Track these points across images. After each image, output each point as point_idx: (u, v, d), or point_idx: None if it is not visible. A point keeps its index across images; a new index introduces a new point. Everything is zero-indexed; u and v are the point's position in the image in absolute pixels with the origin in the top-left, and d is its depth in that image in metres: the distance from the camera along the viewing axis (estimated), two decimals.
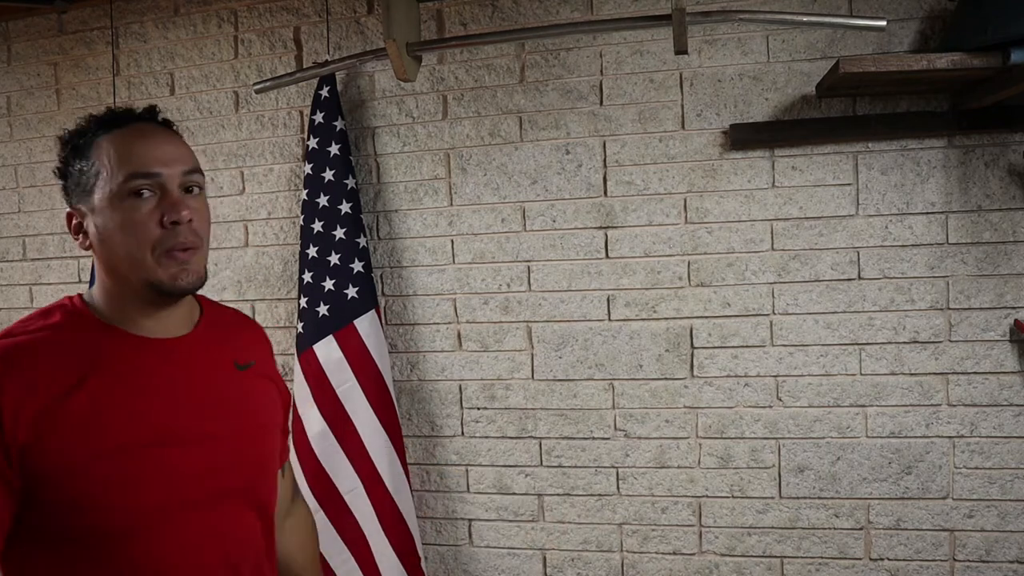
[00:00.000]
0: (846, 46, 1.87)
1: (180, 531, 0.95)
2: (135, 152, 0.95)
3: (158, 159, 0.95)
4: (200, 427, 0.98)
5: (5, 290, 2.46)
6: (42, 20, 2.38)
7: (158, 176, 0.95)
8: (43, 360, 0.91)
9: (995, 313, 1.82)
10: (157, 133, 0.99)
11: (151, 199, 0.94)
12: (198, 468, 0.97)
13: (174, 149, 0.98)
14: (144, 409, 0.94)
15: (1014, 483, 1.82)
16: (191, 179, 0.98)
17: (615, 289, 2.01)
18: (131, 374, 0.95)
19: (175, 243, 0.94)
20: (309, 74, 2.01)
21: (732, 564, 1.96)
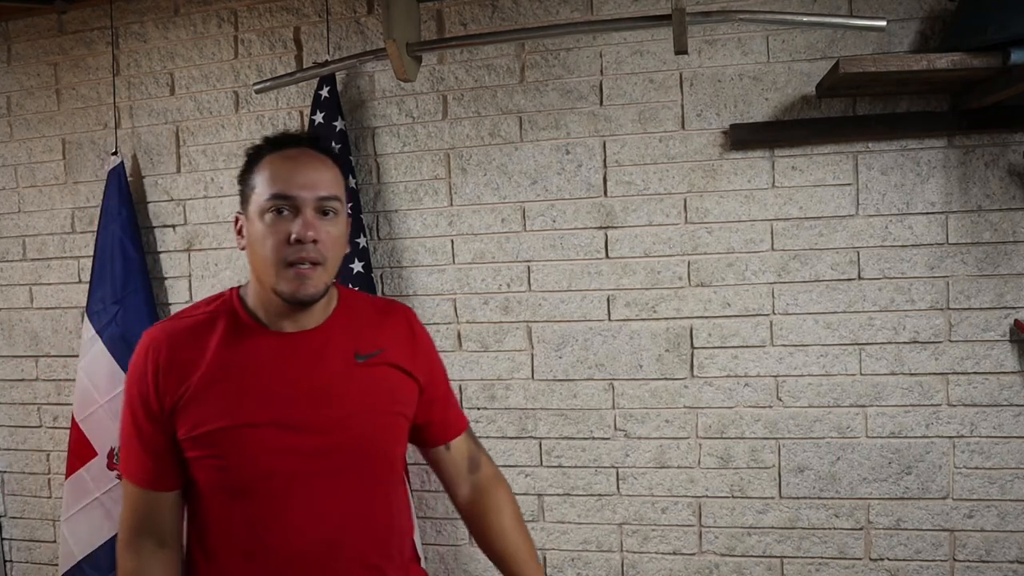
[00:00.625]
0: (846, 46, 1.87)
1: (296, 496, 1.09)
2: (282, 175, 1.08)
3: (299, 184, 1.08)
4: (311, 413, 1.10)
5: (5, 290, 2.46)
6: (42, 20, 2.38)
7: (293, 199, 1.07)
8: (193, 341, 1.11)
9: (995, 313, 1.82)
10: (307, 159, 1.11)
11: (287, 217, 1.07)
12: (307, 447, 1.09)
13: (316, 176, 1.09)
14: (264, 395, 1.09)
15: (1014, 483, 1.82)
16: (326, 204, 1.09)
17: (615, 289, 2.01)
18: (258, 363, 1.10)
19: (296, 258, 1.06)
20: (309, 74, 2.01)
21: (732, 564, 1.96)
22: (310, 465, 1.10)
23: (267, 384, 1.10)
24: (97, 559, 2.20)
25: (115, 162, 2.23)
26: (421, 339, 1.26)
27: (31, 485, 2.47)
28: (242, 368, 1.10)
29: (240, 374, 1.10)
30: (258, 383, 1.10)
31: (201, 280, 2.29)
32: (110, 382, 2.19)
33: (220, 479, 1.09)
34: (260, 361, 1.11)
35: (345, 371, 1.15)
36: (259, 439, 1.08)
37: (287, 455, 1.09)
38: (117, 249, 2.21)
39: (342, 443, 1.12)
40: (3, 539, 2.51)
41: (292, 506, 1.10)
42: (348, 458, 1.13)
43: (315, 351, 1.14)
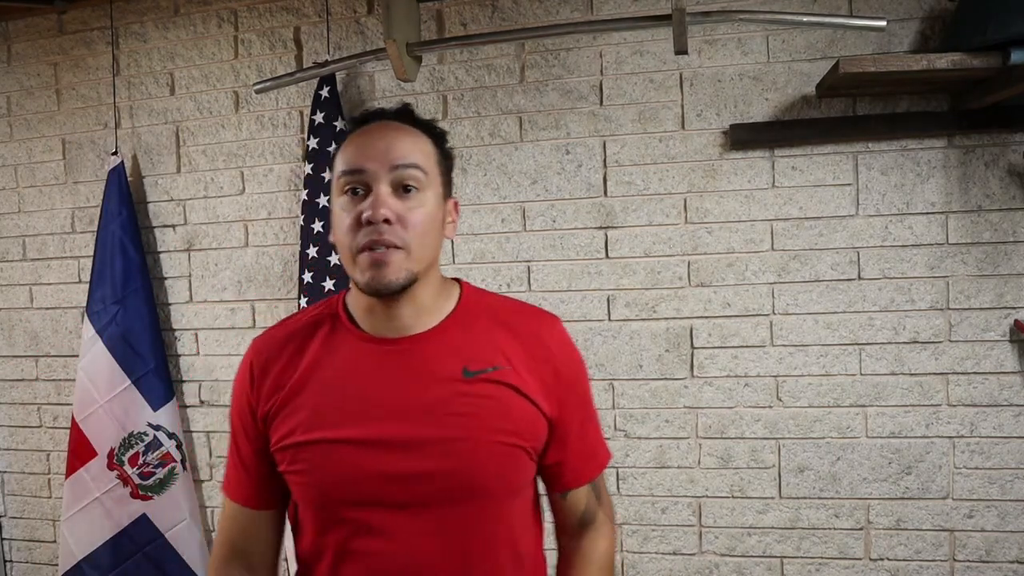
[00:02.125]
0: (846, 46, 1.87)
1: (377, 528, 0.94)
2: (350, 149, 0.95)
3: (367, 155, 0.92)
4: (402, 433, 0.93)
5: (5, 290, 2.46)
6: (42, 20, 2.38)
7: (363, 172, 0.92)
8: (291, 347, 1.00)
9: (995, 313, 1.82)
10: (382, 129, 0.95)
11: (360, 196, 0.92)
12: (392, 472, 0.93)
13: (387, 144, 0.93)
14: (352, 408, 0.95)
15: (1014, 483, 1.82)
16: (402, 174, 0.92)
17: (615, 289, 2.01)
18: (351, 372, 0.96)
19: (368, 241, 0.90)
20: (309, 74, 2.01)
21: (732, 564, 1.96)
22: (395, 494, 0.93)
23: (357, 396, 0.95)
24: (97, 559, 2.20)
25: (115, 162, 2.23)
26: (561, 361, 1.00)
27: (31, 485, 2.47)
28: (333, 377, 0.96)
29: (330, 384, 0.96)
30: (347, 395, 0.95)
31: (201, 280, 2.29)
32: (110, 382, 2.20)
33: (306, 496, 0.97)
34: (353, 370, 0.96)
35: (450, 388, 0.94)
36: (340, 457, 0.93)
37: (370, 480, 0.93)
38: (117, 249, 2.21)
39: (436, 472, 0.92)
40: (3, 539, 2.51)
41: (372, 539, 0.94)
42: (441, 491, 0.93)
43: (417, 361, 0.95)
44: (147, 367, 2.21)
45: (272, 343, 1.02)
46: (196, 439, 2.32)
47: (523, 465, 0.98)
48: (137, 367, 2.21)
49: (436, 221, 0.96)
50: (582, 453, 1.04)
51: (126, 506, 2.20)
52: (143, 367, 2.21)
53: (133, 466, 2.20)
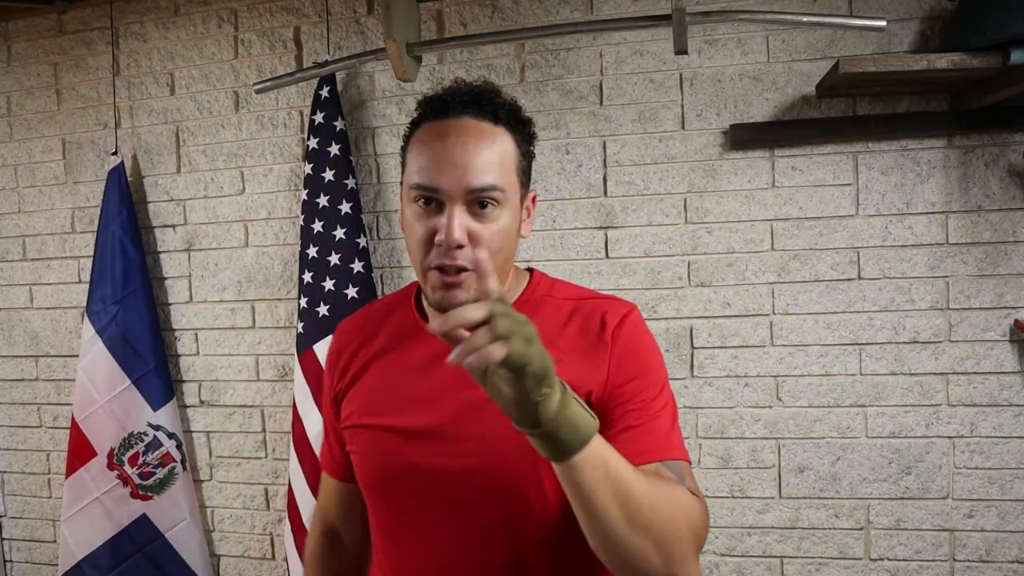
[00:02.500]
0: (846, 46, 1.87)
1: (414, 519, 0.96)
2: (423, 159, 0.91)
3: (442, 171, 0.88)
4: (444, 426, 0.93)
5: (5, 290, 2.46)
6: (42, 20, 2.38)
7: (437, 191, 0.89)
8: (366, 331, 1.06)
9: (995, 313, 1.82)
10: (459, 136, 0.90)
11: (434, 209, 0.90)
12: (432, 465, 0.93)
13: (468, 160, 0.88)
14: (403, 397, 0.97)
15: (1014, 483, 1.82)
16: (482, 196, 0.88)
17: (615, 289, 2.01)
18: (409, 361, 0.99)
19: (439, 263, 0.88)
20: (309, 74, 2.01)
21: (732, 564, 1.96)
22: (433, 487, 0.93)
23: (407, 386, 0.97)
24: (97, 559, 2.20)
25: (115, 162, 2.23)
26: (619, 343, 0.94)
27: (31, 485, 2.47)
28: (393, 365, 1.00)
29: (389, 371, 1.00)
30: (400, 383, 0.98)
31: (201, 280, 2.29)
32: (110, 382, 2.20)
33: (359, 477, 1.03)
34: (409, 360, 0.98)
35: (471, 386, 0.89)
36: (382, 444, 0.97)
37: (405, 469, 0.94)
38: (117, 249, 2.21)
39: (474, 469, 0.90)
40: (3, 539, 2.51)
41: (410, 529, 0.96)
42: (477, 490, 0.91)
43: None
44: (147, 367, 2.21)
45: (352, 326, 1.09)
46: (196, 439, 2.32)
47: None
48: (137, 367, 2.21)
49: (512, 232, 0.93)
50: (642, 437, 0.90)
51: (126, 506, 2.20)
52: (143, 367, 2.21)
53: (133, 466, 2.20)
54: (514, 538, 0.92)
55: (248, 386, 2.27)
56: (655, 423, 0.91)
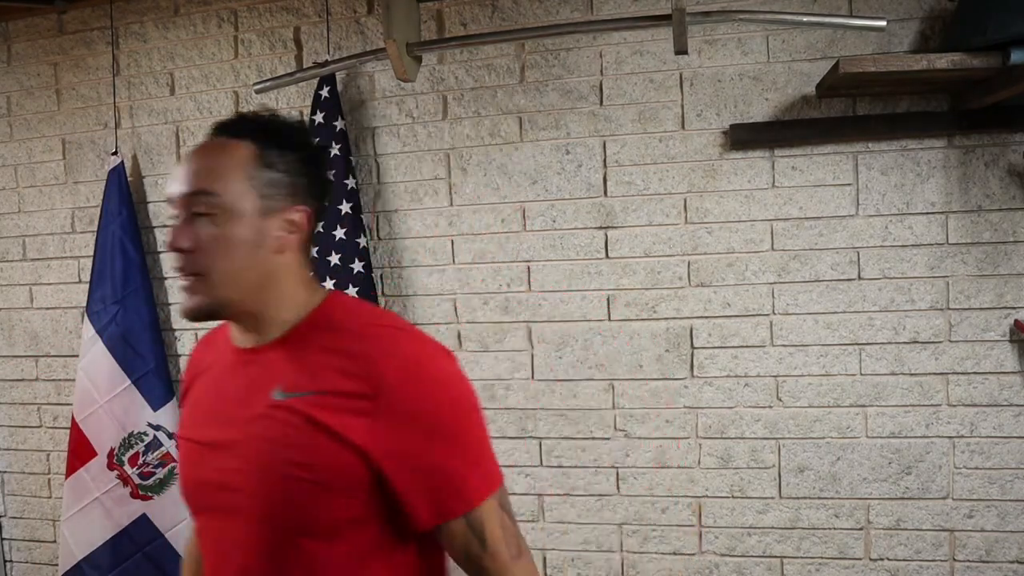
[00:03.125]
0: (846, 46, 1.87)
1: (208, 530, 1.00)
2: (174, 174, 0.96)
3: (175, 183, 0.93)
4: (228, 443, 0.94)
5: (5, 290, 2.46)
6: (42, 20, 2.38)
7: (171, 200, 0.94)
8: (201, 350, 1.11)
9: (995, 313, 1.82)
10: (196, 151, 0.95)
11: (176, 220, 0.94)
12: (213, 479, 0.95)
13: (192, 169, 0.92)
14: (206, 413, 1.01)
15: (1014, 483, 1.82)
16: (192, 201, 0.91)
17: (615, 289, 2.01)
18: (209, 378, 1.04)
19: (175, 268, 0.94)
20: (309, 74, 2.01)
21: (732, 564, 1.96)
22: (215, 499, 0.95)
23: (210, 399, 1.01)
24: (97, 559, 2.20)
25: (115, 162, 2.23)
26: (397, 390, 0.87)
27: (31, 485, 2.47)
28: (206, 381, 1.05)
29: (203, 387, 1.05)
30: (207, 397, 1.02)
31: None
32: (110, 382, 2.20)
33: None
34: (216, 375, 1.02)
35: (256, 407, 0.92)
36: (186, 456, 1.02)
37: (194, 482, 1.00)
38: (117, 249, 2.21)
39: (242, 487, 0.92)
40: (3, 539, 2.51)
41: (204, 538, 1.00)
42: (245, 511, 0.92)
43: (249, 374, 0.95)
44: (147, 367, 2.21)
45: (198, 346, 1.14)
46: None
47: (325, 502, 0.88)
48: (137, 367, 2.21)
49: (246, 241, 0.91)
50: (434, 488, 0.89)
51: (126, 506, 2.20)
52: (143, 367, 2.21)
53: (133, 466, 2.20)
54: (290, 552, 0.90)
55: None
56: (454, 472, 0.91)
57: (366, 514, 0.90)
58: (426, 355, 0.92)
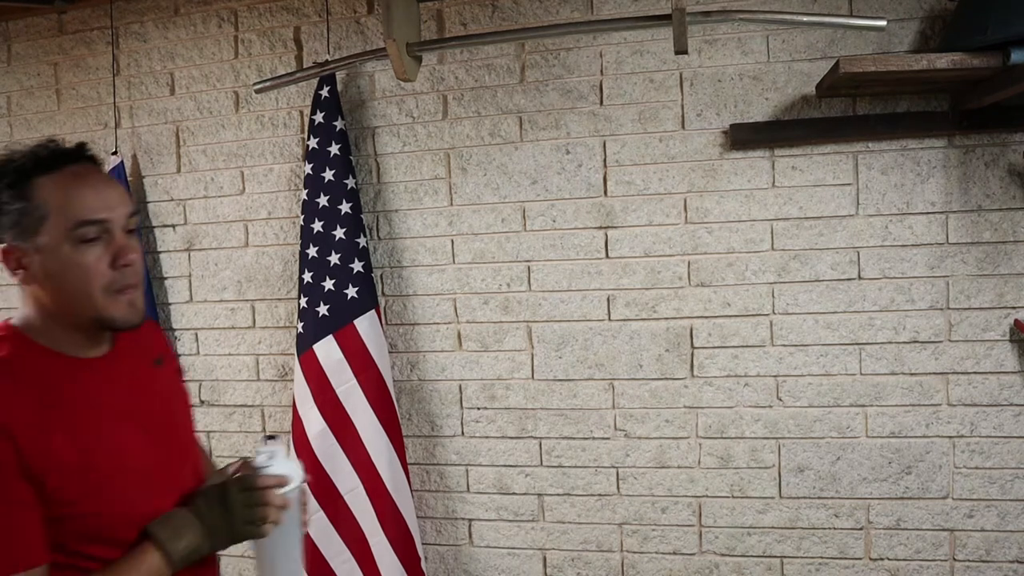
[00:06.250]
0: (846, 46, 1.87)
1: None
2: (80, 198, 1.00)
3: (104, 205, 1.01)
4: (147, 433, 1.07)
5: (5, 290, 2.46)
6: (42, 20, 2.38)
7: (105, 222, 1.01)
8: (16, 382, 0.97)
9: (995, 313, 1.82)
10: (96, 177, 1.04)
11: (99, 244, 1.00)
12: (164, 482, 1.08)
13: (115, 193, 1.04)
14: (109, 434, 1.02)
15: (1014, 483, 1.82)
16: (133, 221, 1.06)
17: (615, 289, 2.01)
18: (81, 396, 1.02)
19: (124, 284, 1.02)
20: (309, 74, 2.01)
21: (732, 564, 1.96)
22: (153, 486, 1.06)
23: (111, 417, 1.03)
24: None
25: (115, 162, 2.23)
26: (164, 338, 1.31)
27: None
28: (77, 409, 1.00)
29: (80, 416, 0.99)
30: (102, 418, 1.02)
31: (201, 280, 2.29)
32: None
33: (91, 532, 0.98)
34: (87, 395, 1.02)
35: (156, 381, 1.15)
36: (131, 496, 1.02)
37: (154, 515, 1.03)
38: None
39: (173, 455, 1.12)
40: None
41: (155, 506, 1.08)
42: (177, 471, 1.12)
43: (128, 370, 1.11)
44: None
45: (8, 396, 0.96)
46: None
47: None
48: None
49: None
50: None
51: None
52: None
53: None
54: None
55: (248, 386, 2.27)
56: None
57: None
58: None
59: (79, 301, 1.01)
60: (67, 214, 0.98)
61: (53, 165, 1.01)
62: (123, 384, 1.09)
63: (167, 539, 1.00)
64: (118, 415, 1.05)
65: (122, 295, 1.02)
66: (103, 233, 1.01)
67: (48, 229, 0.98)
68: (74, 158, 1.03)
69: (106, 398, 1.05)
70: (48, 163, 1.01)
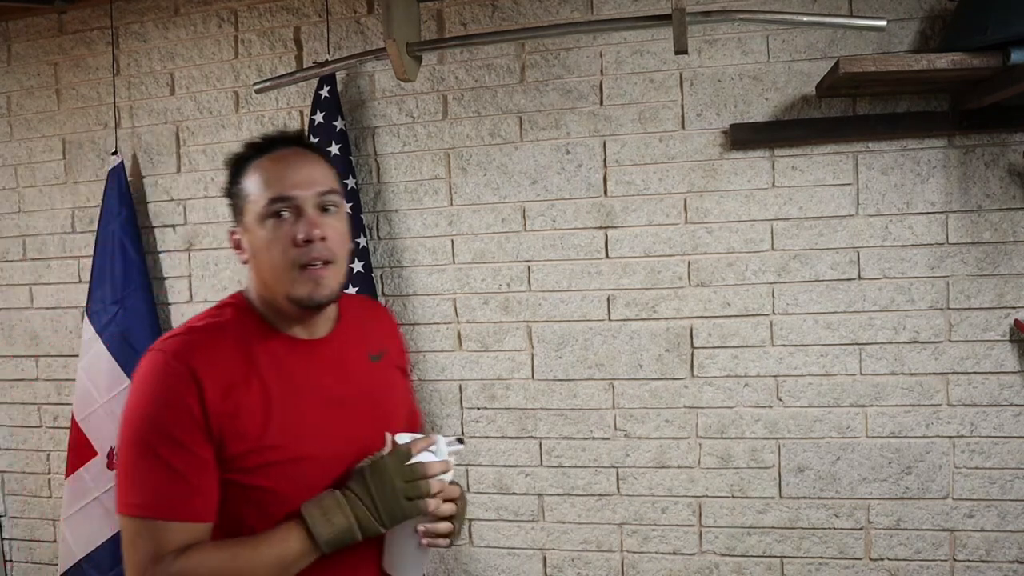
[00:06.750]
0: (846, 46, 1.87)
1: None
2: (276, 176, 1.05)
3: (295, 183, 1.04)
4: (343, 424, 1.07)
5: (5, 290, 2.46)
6: (42, 20, 2.38)
7: (294, 199, 1.03)
8: (222, 347, 1.03)
9: (995, 313, 1.82)
10: (297, 157, 1.07)
11: (289, 219, 1.03)
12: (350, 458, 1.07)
13: (310, 172, 1.06)
14: (298, 411, 1.04)
15: (1014, 483, 1.82)
16: (326, 199, 1.06)
17: (615, 289, 2.01)
18: (286, 374, 1.05)
19: (309, 259, 1.02)
20: (309, 74, 2.01)
21: (732, 564, 1.96)
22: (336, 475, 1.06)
23: (305, 395, 1.05)
24: (97, 558, 2.20)
25: (115, 162, 2.23)
26: (400, 335, 1.30)
27: (31, 485, 2.47)
28: (277, 379, 1.04)
29: (276, 386, 1.03)
30: (297, 395, 1.04)
31: (201, 280, 2.29)
32: (110, 382, 2.19)
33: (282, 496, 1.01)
34: (291, 371, 1.06)
35: (368, 374, 1.14)
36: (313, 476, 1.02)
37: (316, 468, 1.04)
38: (117, 249, 2.21)
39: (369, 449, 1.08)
40: (3, 539, 2.51)
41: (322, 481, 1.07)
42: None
43: (338, 356, 1.12)
44: None
45: (201, 348, 1.02)
46: None
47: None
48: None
49: (348, 234, 1.11)
50: (415, 411, 1.31)
51: None
52: None
53: None
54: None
55: None
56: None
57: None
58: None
59: (273, 277, 1.04)
60: (262, 193, 1.04)
61: (264, 150, 1.08)
62: (330, 371, 1.10)
63: (315, 521, 0.97)
64: (316, 401, 1.06)
65: (306, 272, 1.03)
66: (292, 210, 1.03)
67: (250, 208, 1.06)
68: (283, 143, 1.09)
69: (308, 381, 1.07)
70: (261, 149, 1.08)
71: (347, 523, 0.97)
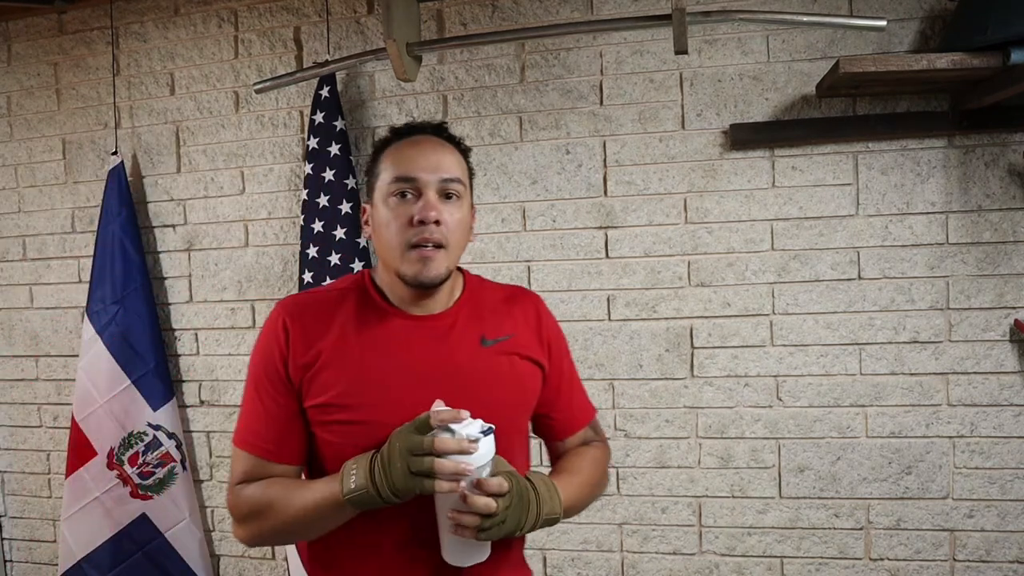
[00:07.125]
0: (846, 46, 1.87)
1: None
2: (405, 158, 1.09)
3: (421, 166, 1.08)
4: (434, 396, 1.05)
5: (5, 290, 2.46)
6: (42, 20, 2.38)
7: (416, 181, 1.07)
8: (323, 314, 1.10)
9: (995, 313, 1.82)
10: (429, 143, 1.12)
11: (410, 200, 1.07)
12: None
13: (438, 158, 1.10)
14: (388, 374, 1.07)
15: (1014, 483, 1.82)
16: (449, 187, 1.09)
17: (615, 289, 2.01)
18: (381, 343, 1.09)
19: (419, 239, 1.05)
20: (309, 74, 2.01)
21: (732, 564, 1.96)
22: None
23: (391, 364, 1.08)
24: (97, 558, 2.20)
25: (115, 162, 2.23)
26: (548, 325, 1.22)
27: (31, 485, 2.47)
28: (368, 345, 1.09)
29: (365, 351, 1.08)
30: (382, 362, 1.08)
31: (201, 280, 2.29)
32: (110, 382, 2.20)
33: (342, 453, 1.04)
34: (385, 339, 1.09)
35: (471, 356, 1.12)
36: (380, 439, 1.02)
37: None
38: (117, 249, 2.21)
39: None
40: (3, 539, 2.51)
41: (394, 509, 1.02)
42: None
43: (441, 334, 1.12)
44: (147, 367, 2.21)
45: (305, 307, 1.12)
46: (196, 439, 2.32)
47: (527, 424, 1.21)
48: (137, 367, 2.21)
49: (469, 224, 1.14)
50: (576, 401, 1.27)
51: (126, 506, 2.20)
52: (143, 367, 2.21)
53: (133, 466, 2.20)
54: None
55: None
56: (581, 391, 1.29)
57: (526, 429, 1.22)
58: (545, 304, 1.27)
59: (387, 253, 1.09)
60: (390, 172, 1.09)
61: (405, 135, 1.14)
62: (427, 346, 1.10)
63: (345, 475, 1.00)
64: (403, 372, 1.08)
65: (416, 251, 1.05)
66: (415, 191, 1.07)
67: (379, 186, 1.11)
68: (423, 130, 1.15)
69: (399, 352, 1.09)
70: (402, 133, 1.14)
71: (365, 483, 0.97)
